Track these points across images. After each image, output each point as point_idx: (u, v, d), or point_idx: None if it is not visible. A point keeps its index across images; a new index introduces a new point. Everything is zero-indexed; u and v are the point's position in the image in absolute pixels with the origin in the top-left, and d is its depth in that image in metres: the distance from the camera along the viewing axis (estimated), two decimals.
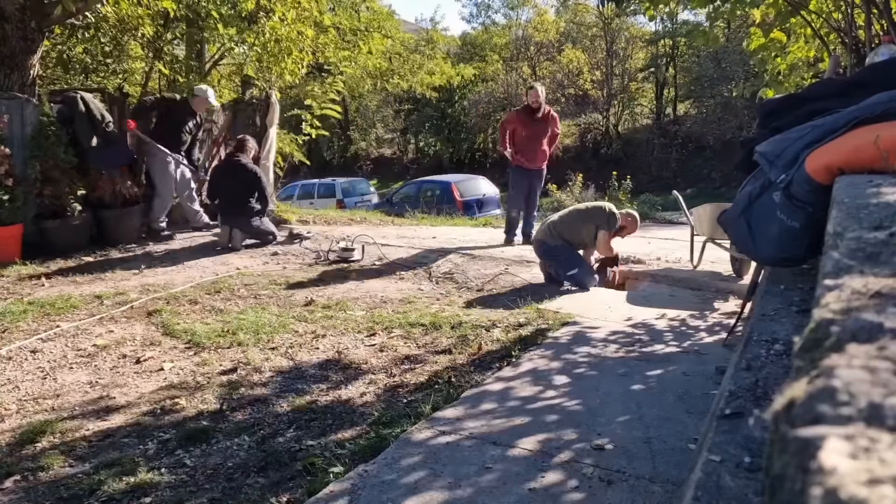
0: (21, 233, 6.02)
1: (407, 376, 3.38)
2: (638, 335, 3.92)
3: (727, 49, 21.91)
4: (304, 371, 3.51)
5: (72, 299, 4.78)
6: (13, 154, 5.98)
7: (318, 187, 17.02)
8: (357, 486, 2.20)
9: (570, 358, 3.49)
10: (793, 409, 0.44)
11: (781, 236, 1.79)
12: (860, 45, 4.81)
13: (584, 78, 27.47)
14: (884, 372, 0.44)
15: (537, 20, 29.68)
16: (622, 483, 2.17)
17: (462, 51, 30.51)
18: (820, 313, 0.57)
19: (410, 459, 2.37)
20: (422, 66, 20.33)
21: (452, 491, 2.16)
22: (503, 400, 2.92)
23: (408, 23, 26.52)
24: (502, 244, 6.88)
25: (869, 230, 0.82)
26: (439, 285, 5.38)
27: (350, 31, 11.97)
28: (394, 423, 2.74)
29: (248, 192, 6.61)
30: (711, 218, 5.17)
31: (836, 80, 3.12)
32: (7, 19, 6.23)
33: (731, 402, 1.17)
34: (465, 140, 28.00)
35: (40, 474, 2.52)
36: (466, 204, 12.99)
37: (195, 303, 4.80)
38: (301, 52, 8.32)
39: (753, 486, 0.91)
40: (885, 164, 1.41)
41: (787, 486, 0.40)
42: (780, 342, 1.39)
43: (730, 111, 22.85)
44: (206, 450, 2.68)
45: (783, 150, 1.79)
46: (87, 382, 3.44)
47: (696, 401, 2.83)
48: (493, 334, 3.95)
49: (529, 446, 2.45)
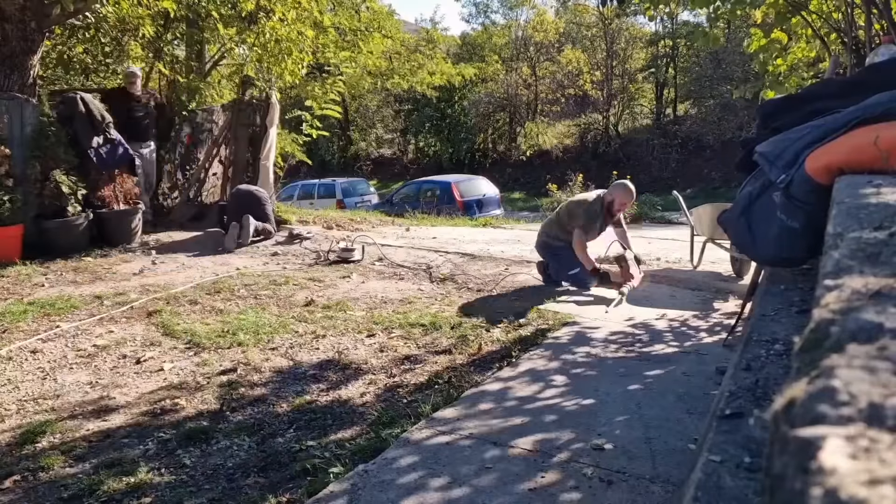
0: (21, 233, 6.02)
1: (407, 376, 3.38)
2: (638, 335, 3.92)
3: (727, 49, 21.91)
4: (304, 371, 3.51)
5: (72, 299, 4.78)
6: (13, 154, 5.99)
7: (318, 187, 17.02)
8: (357, 486, 2.20)
9: (570, 358, 3.49)
10: (793, 409, 0.44)
11: (781, 236, 1.79)
12: (860, 45, 4.81)
13: (584, 78, 27.45)
14: (884, 372, 0.44)
15: (537, 20, 29.65)
16: (622, 483, 2.17)
17: (462, 51, 30.49)
18: (820, 313, 0.57)
19: (410, 459, 2.37)
20: (422, 66, 20.33)
21: (452, 491, 2.15)
22: (503, 400, 2.92)
23: (408, 23, 26.52)
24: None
25: (869, 230, 0.82)
26: (439, 285, 5.38)
27: (350, 30, 11.98)
28: (394, 423, 2.74)
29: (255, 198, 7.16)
30: (711, 218, 5.17)
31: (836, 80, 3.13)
32: (7, 19, 6.23)
33: (731, 402, 1.17)
34: (465, 140, 27.98)
35: (40, 474, 2.52)
36: (466, 204, 12.99)
37: (195, 303, 4.80)
38: (301, 52, 8.32)
39: (753, 486, 0.91)
40: (884, 164, 1.41)
41: (787, 486, 0.40)
42: (780, 342, 1.39)
43: (730, 111, 22.83)
44: (206, 450, 2.68)
45: (783, 151, 1.79)
46: (87, 383, 3.44)
47: (696, 401, 2.83)
48: (492, 334, 3.95)
49: (529, 446, 2.45)
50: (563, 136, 27.81)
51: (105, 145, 6.68)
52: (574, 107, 28.12)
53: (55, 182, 6.17)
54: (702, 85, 24.69)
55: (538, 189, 21.06)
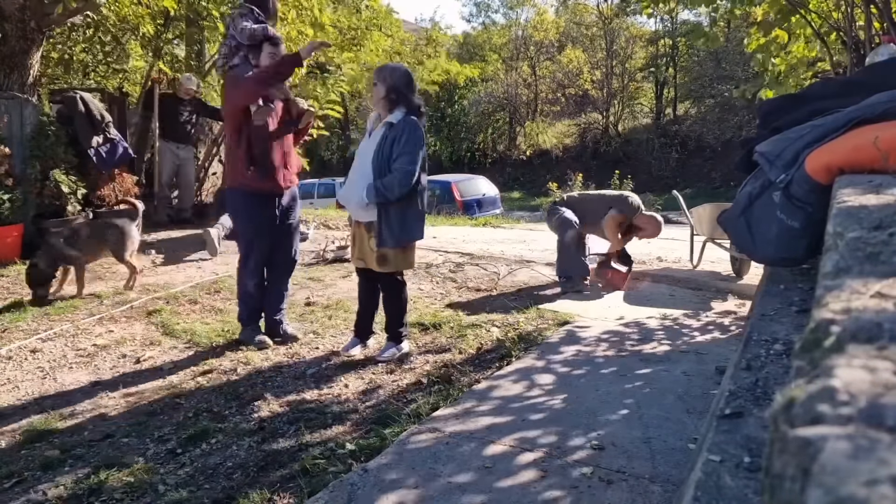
0: (21, 232, 6.02)
1: (407, 376, 3.38)
2: (637, 335, 3.92)
3: (727, 49, 21.91)
4: (304, 371, 3.51)
5: (71, 299, 4.78)
6: (13, 154, 5.98)
7: (318, 187, 17.03)
8: (357, 486, 2.20)
9: (570, 358, 3.49)
10: (793, 409, 0.44)
11: (781, 236, 1.79)
12: (860, 44, 4.81)
13: (584, 78, 27.47)
14: (884, 372, 0.44)
15: (537, 20, 29.67)
16: (622, 483, 2.17)
17: (462, 51, 30.50)
18: (820, 313, 0.57)
19: (410, 459, 2.37)
20: (422, 64, 20.33)
21: (452, 491, 2.16)
22: (502, 400, 2.92)
23: (408, 23, 26.50)
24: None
25: (869, 230, 0.82)
26: (439, 285, 5.38)
27: (350, 29, 11.97)
28: (393, 423, 2.74)
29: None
30: (711, 218, 5.18)
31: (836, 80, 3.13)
32: (7, 19, 6.23)
33: (731, 401, 1.17)
34: (465, 140, 28.00)
35: (40, 474, 2.52)
36: (466, 204, 13.00)
37: (195, 302, 4.80)
38: None
39: (753, 486, 0.91)
40: (884, 164, 1.41)
41: (787, 486, 0.40)
42: (780, 342, 1.39)
43: (730, 111, 22.85)
44: (206, 450, 2.68)
45: (783, 150, 1.79)
46: (87, 382, 3.44)
47: (695, 401, 2.83)
48: (492, 334, 3.95)
49: (528, 446, 2.45)
50: (562, 135, 27.83)
51: (105, 144, 6.67)
52: (574, 106, 28.14)
53: (55, 181, 6.17)
54: (702, 84, 24.71)
55: (538, 189, 21.08)
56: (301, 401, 3.11)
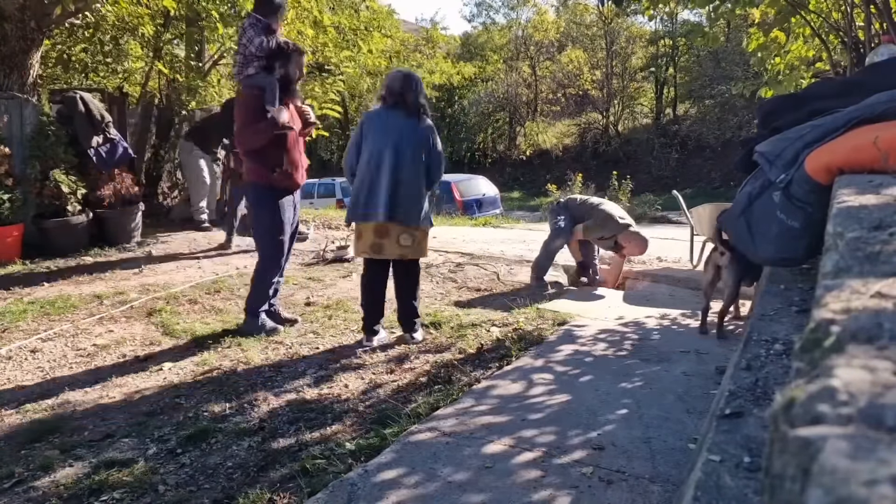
0: (21, 233, 6.02)
1: (406, 375, 3.38)
2: (637, 335, 3.92)
3: (727, 49, 21.92)
4: (304, 370, 3.51)
5: (72, 299, 4.78)
6: (13, 154, 5.98)
7: (318, 187, 17.02)
8: (357, 486, 2.20)
9: (569, 357, 3.49)
10: (793, 409, 0.44)
11: (781, 236, 1.79)
12: (860, 45, 4.81)
13: (584, 78, 27.47)
14: (884, 372, 0.44)
15: (537, 20, 29.68)
16: (622, 483, 2.17)
17: (462, 51, 30.50)
18: (820, 313, 0.57)
19: (410, 459, 2.37)
20: (421, 65, 20.34)
21: (452, 490, 2.15)
22: (502, 399, 2.92)
23: (408, 23, 26.51)
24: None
25: (869, 230, 0.82)
26: (439, 285, 5.38)
27: (350, 29, 11.96)
28: (393, 423, 2.74)
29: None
30: (711, 218, 5.17)
31: (836, 80, 3.13)
32: (7, 19, 6.23)
33: (731, 401, 1.17)
34: (465, 140, 28.00)
35: (40, 474, 2.52)
36: (466, 204, 13.01)
37: (195, 302, 4.80)
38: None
39: (753, 486, 0.91)
40: (884, 164, 1.41)
41: (787, 486, 0.40)
42: (780, 342, 1.39)
43: (730, 111, 22.86)
44: (206, 450, 2.68)
45: (783, 150, 1.79)
46: (88, 382, 3.44)
47: (695, 401, 2.83)
48: (492, 334, 3.95)
49: (528, 446, 2.45)
50: (562, 135, 27.84)
51: (105, 144, 6.67)
52: (574, 106, 28.15)
53: (55, 181, 6.17)
54: (702, 84, 24.72)
55: (538, 189, 21.09)
56: (301, 400, 3.11)
